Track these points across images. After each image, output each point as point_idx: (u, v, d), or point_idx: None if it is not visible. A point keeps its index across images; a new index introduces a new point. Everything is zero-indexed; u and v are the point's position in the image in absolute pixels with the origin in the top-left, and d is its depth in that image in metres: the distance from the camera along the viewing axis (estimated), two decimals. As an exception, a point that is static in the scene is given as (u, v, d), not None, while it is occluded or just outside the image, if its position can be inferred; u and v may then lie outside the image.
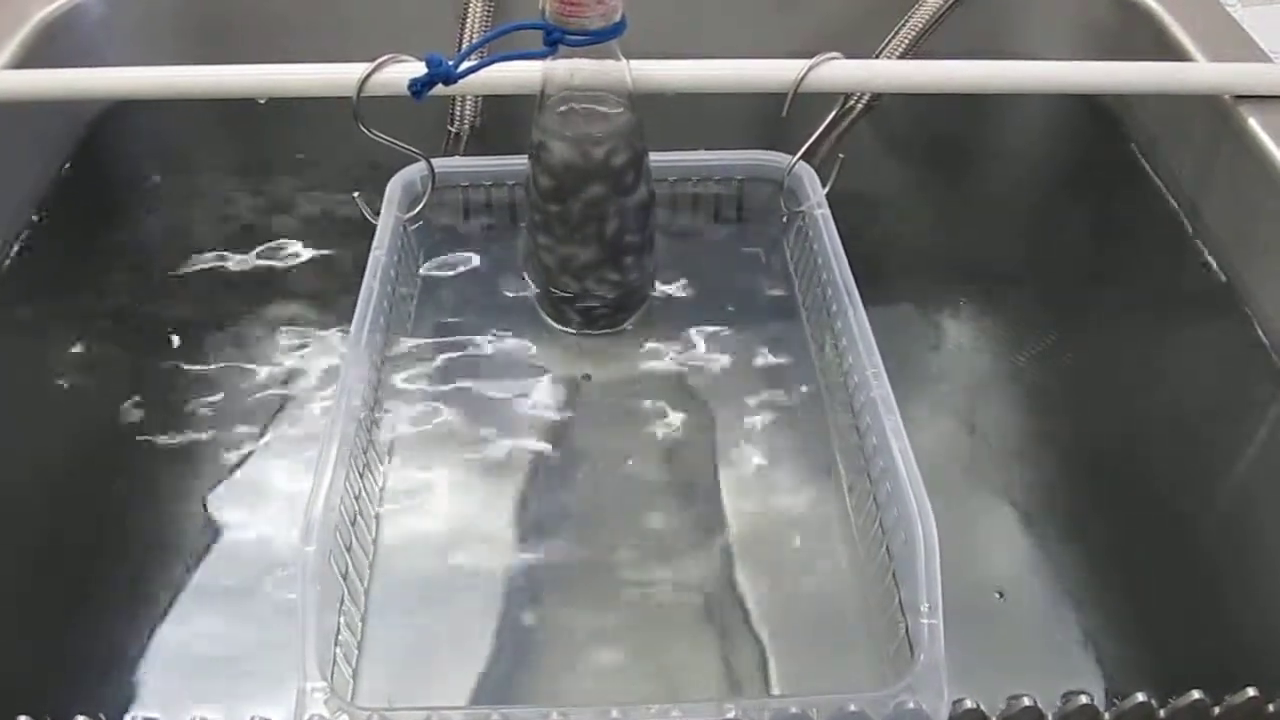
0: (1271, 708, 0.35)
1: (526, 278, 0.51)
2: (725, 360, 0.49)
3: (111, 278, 0.55)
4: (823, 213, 0.50)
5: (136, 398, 0.48)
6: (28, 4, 0.60)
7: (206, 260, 0.56)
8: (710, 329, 0.51)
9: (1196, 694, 0.35)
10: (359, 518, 0.42)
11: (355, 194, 0.50)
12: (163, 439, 0.47)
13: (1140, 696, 0.36)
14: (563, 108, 0.45)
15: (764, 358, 0.49)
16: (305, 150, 0.63)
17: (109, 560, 0.43)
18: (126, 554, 0.43)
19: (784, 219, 0.54)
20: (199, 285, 0.54)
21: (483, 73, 0.45)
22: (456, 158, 0.58)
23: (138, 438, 0.47)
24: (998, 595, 0.41)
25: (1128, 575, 0.42)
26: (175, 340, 0.51)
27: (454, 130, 0.61)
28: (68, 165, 0.61)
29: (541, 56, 0.43)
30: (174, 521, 0.44)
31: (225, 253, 0.56)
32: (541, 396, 0.48)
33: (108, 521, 0.44)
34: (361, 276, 0.47)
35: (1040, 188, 0.64)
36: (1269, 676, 0.36)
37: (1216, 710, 0.35)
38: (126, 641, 0.39)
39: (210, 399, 0.48)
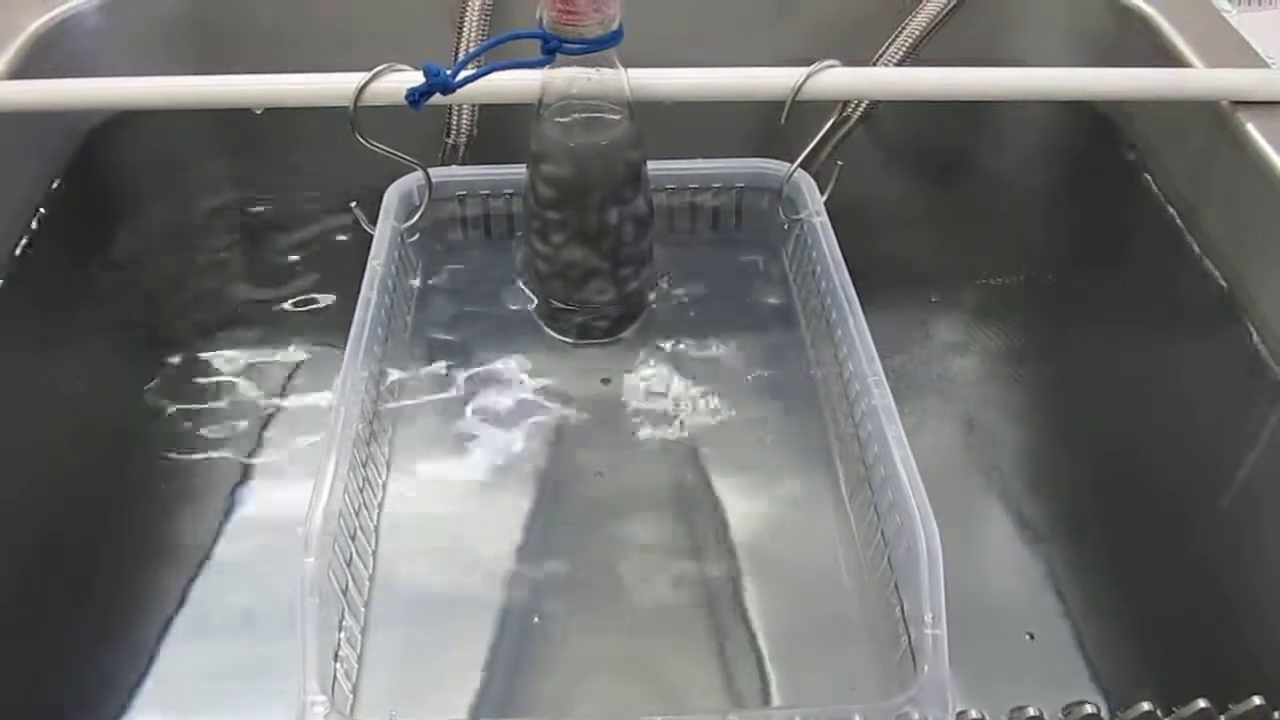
0: (1277, 715, 0.35)
1: (525, 287, 0.51)
2: (724, 369, 0.49)
3: (108, 290, 0.55)
4: (821, 221, 0.50)
5: (135, 410, 0.48)
6: (21, 15, 0.60)
7: (203, 272, 0.55)
8: (709, 338, 0.50)
9: (1202, 703, 0.35)
10: (358, 531, 0.41)
11: (353, 204, 0.50)
12: (161, 452, 0.46)
13: (1145, 706, 0.35)
14: (561, 117, 0.45)
15: (763, 366, 0.49)
16: (302, 160, 0.62)
17: (109, 570, 0.42)
18: (127, 564, 0.43)
19: (783, 227, 0.53)
20: (196, 297, 0.54)
21: (481, 82, 0.44)
22: (454, 167, 0.58)
23: (135, 450, 0.47)
24: (1001, 606, 0.41)
25: (1130, 583, 0.42)
26: (173, 353, 0.51)
27: (451, 140, 0.61)
28: (63, 178, 0.61)
29: (539, 65, 0.43)
30: (173, 533, 0.43)
31: (222, 264, 0.56)
32: (540, 407, 0.48)
33: (107, 533, 0.44)
34: (359, 287, 0.46)
35: (1039, 195, 0.64)
36: (1274, 684, 0.36)
37: (1222, 718, 0.35)
38: (127, 655, 0.39)
39: (209, 411, 0.48)
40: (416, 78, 0.45)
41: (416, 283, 0.53)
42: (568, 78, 0.44)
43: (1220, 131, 0.54)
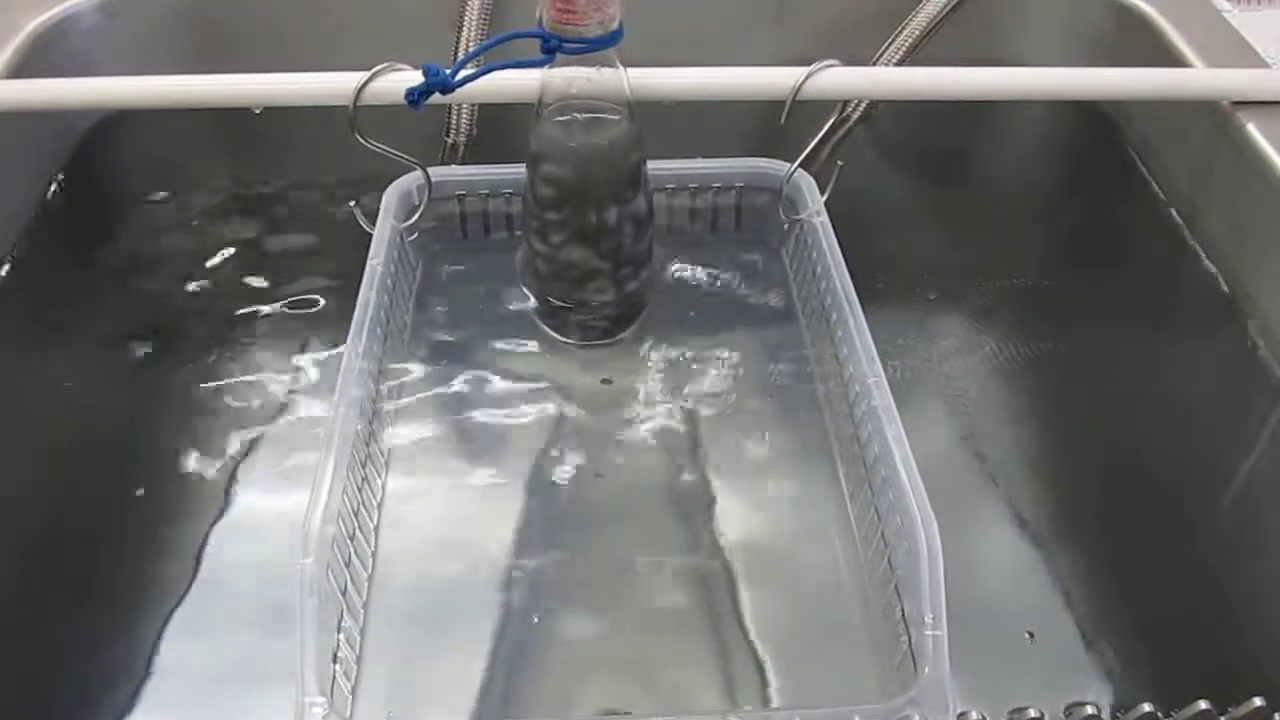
0: (1278, 717, 0.35)
1: (524, 288, 0.51)
2: (724, 370, 0.49)
3: (107, 290, 0.55)
4: (821, 220, 0.50)
5: (135, 409, 0.48)
6: (19, 14, 0.60)
7: (201, 271, 0.55)
8: (709, 338, 0.50)
9: (1203, 704, 0.35)
10: (357, 531, 0.41)
11: (352, 204, 0.50)
12: (161, 452, 0.46)
13: (1146, 707, 0.36)
14: (561, 116, 0.45)
15: (763, 367, 0.49)
16: (301, 160, 0.62)
17: (109, 570, 0.42)
18: (127, 564, 0.42)
19: (783, 227, 0.53)
20: (194, 298, 0.54)
21: (480, 81, 0.44)
22: (453, 167, 0.58)
23: (136, 450, 0.46)
24: (1001, 606, 0.41)
25: (1131, 584, 0.42)
26: (172, 352, 0.51)
27: (451, 140, 0.60)
28: (61, 178, 0.61)
29: (539, 65, 0.43)
30: (173, 533, 0.43)
31: (220, 263, 0.56)
32: (539, 407, 0.47)
33: (107, 533, 0.44)
34: (358, 287, 0.46)
35: (1039, 195, 0.64)
36: (1275, 685, 0.36)
37: (1222, 719, 0.35)
38: (127, 656, 0.39)
39: (208, 411, 0.48)
40: (416, 77, 0.45)
41: (416, 282, 0.53)
42: (567, 77, 0.43)
43: (1220, 131, 0.54)
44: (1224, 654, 0.40)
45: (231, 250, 0.56)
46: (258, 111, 0.55)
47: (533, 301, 0.51)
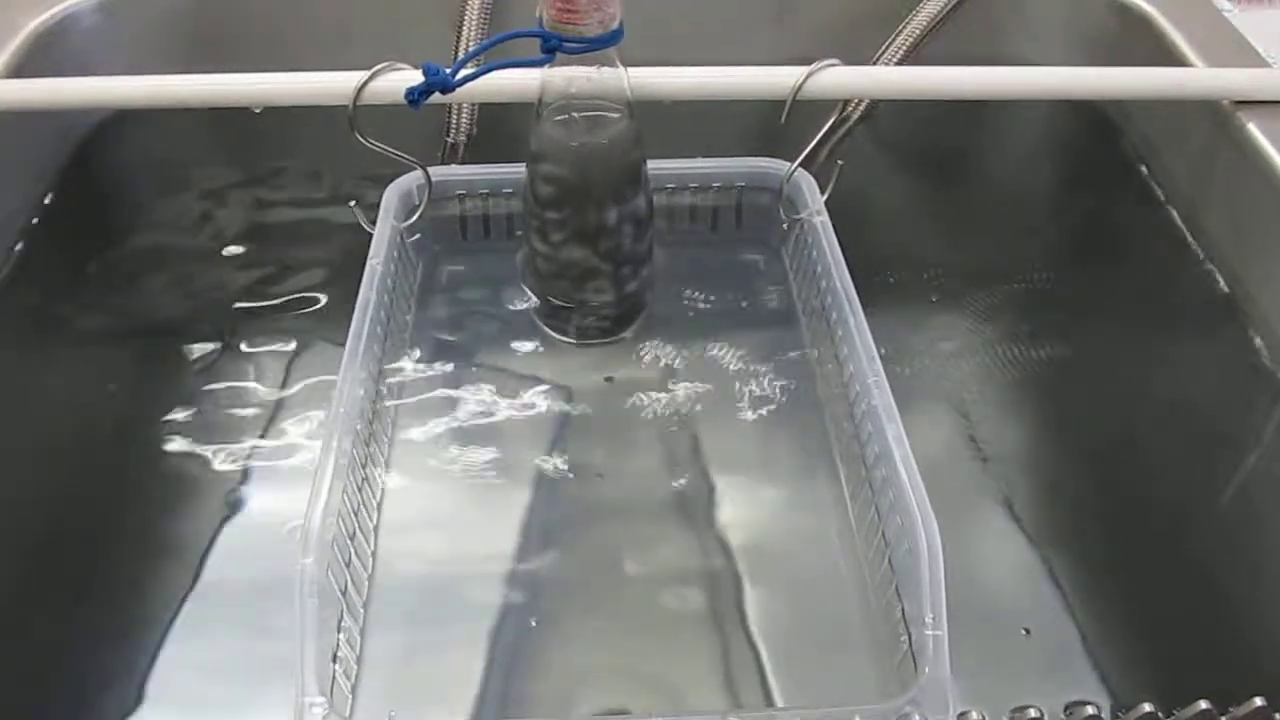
0: (1278, 716, 0.35)
1: (524, 287, 0.51)
2: (724, 369, 0.49)
3: (107, 290, 0.55)
4: (822, 220, 0.50)
5: (135, 409, 0.48)
6: (20, 14, 0.60)
7: (201, 271, 0.55)
8: (709, 338, 0.50)
9: (1203, 704, 0.35)
10: (357, 531, 0.41)
11: (352, 203, 0.50)
12: (161, 452, 0.46)
13: (1146, 707, 0.36)
14: (561, 116, 0.45)
15: (763, 366, 0.49)
16: (301, 159, 0.62)
17: (109, 570, 0.42)
18: (127, 564, 0.42)
19: (783, 227, 0.53)
20: (194, 298, 0.54)
21: (480, 81, 0.44)
22: (454, 166, 0.58)
23: (136, 450, 0.46)
24: (1002, 607, 0.41)
25: (1130, 584, 0.42)
26: (171, 352, 0.51)
27: (451, 139, 0.61)
28: (61, 177, 0.61)
29: (539, 64, 0.43)
30: (173, 533, 0.43)
31: (220, 263, 0.56)
32: (540, 407, 0.48)
33: (107, 533, 0.44)
34: (358, 287, 0.46)
35: (1039, 195, 0.64)
36: (1276, 685, 0.36)
37: (1223, 719, 0.35)
38: (127, 655, 0.39)
39: (208, 411, 0.48)
40: (416, 76, 0.45)
41: (416, 283, 0.53)
42: (567, 77, 0.43)
43: (1221, 131, 0.54)
44: (1224, 654, 0.40)
45: (231, 250, 0.56)
46: (258, 111, 0.55)
47: (533, 301, 0.51)
